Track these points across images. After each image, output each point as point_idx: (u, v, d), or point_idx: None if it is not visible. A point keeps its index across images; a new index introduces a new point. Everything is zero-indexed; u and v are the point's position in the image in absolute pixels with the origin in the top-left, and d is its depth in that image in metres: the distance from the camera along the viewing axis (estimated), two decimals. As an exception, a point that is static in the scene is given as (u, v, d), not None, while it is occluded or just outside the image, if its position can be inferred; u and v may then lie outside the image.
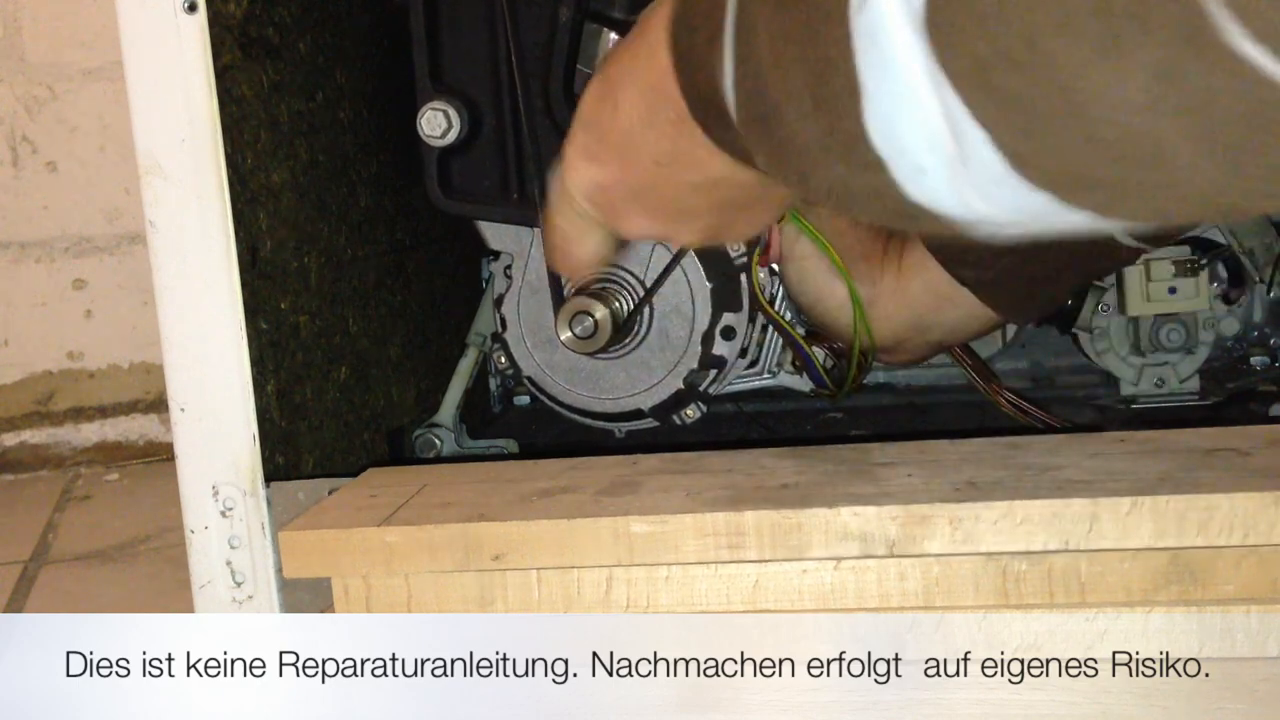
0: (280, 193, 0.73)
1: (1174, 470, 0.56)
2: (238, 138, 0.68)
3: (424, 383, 0.94)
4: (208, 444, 0.68)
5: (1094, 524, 0.52)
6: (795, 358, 0.89)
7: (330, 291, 0.79)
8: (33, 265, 2.01)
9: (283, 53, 0.74)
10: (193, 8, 0.64)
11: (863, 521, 0.54)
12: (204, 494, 0.68)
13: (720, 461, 0.64)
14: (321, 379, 0.77)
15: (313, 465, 0.74)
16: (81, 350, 2.04)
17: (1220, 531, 0.52)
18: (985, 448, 0.63)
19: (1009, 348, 0.99)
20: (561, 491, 0.61)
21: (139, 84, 0.66)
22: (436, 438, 0.91)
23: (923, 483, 0.57)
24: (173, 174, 0.66)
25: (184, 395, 0.68)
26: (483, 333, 0.95)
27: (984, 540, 0.53)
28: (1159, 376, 0.92)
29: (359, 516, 0.59)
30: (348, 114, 0.82)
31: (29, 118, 1.97)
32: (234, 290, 0.67)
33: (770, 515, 0.55)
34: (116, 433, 2.05)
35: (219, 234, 0.67)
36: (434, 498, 0.61)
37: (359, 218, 0.84)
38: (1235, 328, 0.94)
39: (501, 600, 0.57)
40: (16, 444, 2.03)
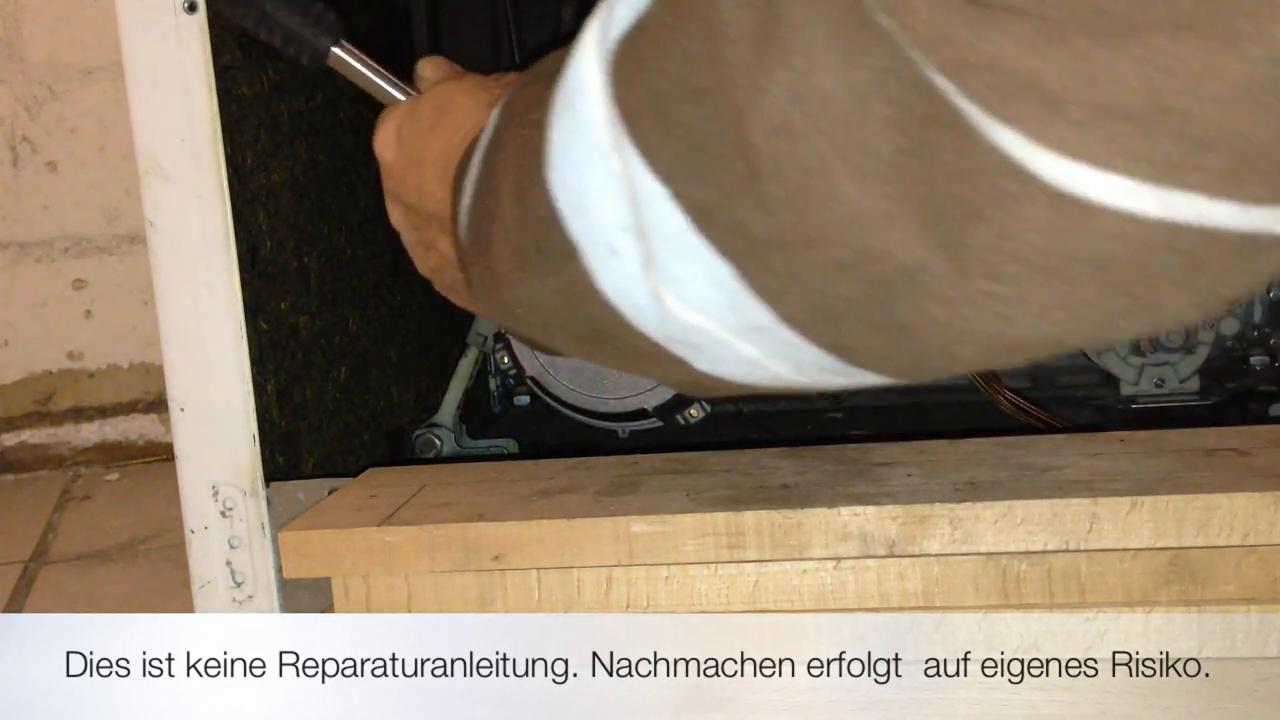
0: (280, 193, 0.73)
1: (1174, 470, 0.56)
2: (238, 138, 0.68)
3: (424, 383, 0.94)
4: (208, 444, 0.68)
5: (1094, 524, 0.52)
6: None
7: (330, 291, 0.79)
8: (33, 265, 2.01)
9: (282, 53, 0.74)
10: (193, 8, 0.64)
11: (863, 521, 0.54)
12: (204, 494, 0.68)
13: (720, 461, 0.64)
14: (321, 379, 0.77)
15: (313, 465, 0.74)
16: (81, 350, 2.03)
17: (1220, 531, 0.52)
18: (985, 448, 0.63)
19: (1009, 348, 0.98)
20: (562, 491, 0.61)
21: (139, 84, 0.66)
22: (436, 438, 0.91)
23: (923, 483, 0.57)
24: (173, 174, 0.66)
25: (184, 395, 0.68)
26: (483, 333, 0.95)
27: (984, 540, 0.53)
28: (1159, 376, 0.92)
29: (359, 516, 0.59)
30: (348, 114, 0.82)
31: (29, 118, 1.97)
32: (234, 290, 0.67)
33: (770, 515, 0.55)
34: (116, 433, 2.05)
35: (219, 234, 0.67)
36: (434, 498, 0.61)
37: (359, 218, 0.84)
38: (1235, 328, 0.94)
39: (501, 600, 0.57)
40: (16, 444, 2.03)
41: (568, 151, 0.35)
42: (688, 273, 0.33)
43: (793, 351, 0.33)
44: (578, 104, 0.34)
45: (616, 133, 0.32)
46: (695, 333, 0.34)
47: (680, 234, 0.32)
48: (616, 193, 0.33)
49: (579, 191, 0.35)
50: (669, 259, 0.33)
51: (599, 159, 0.33)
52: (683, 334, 0.35)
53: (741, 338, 0.34)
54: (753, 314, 0.32)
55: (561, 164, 0.35)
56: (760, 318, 0.32)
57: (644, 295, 0.34)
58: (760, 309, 0.32)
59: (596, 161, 0.33)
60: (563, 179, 0.35)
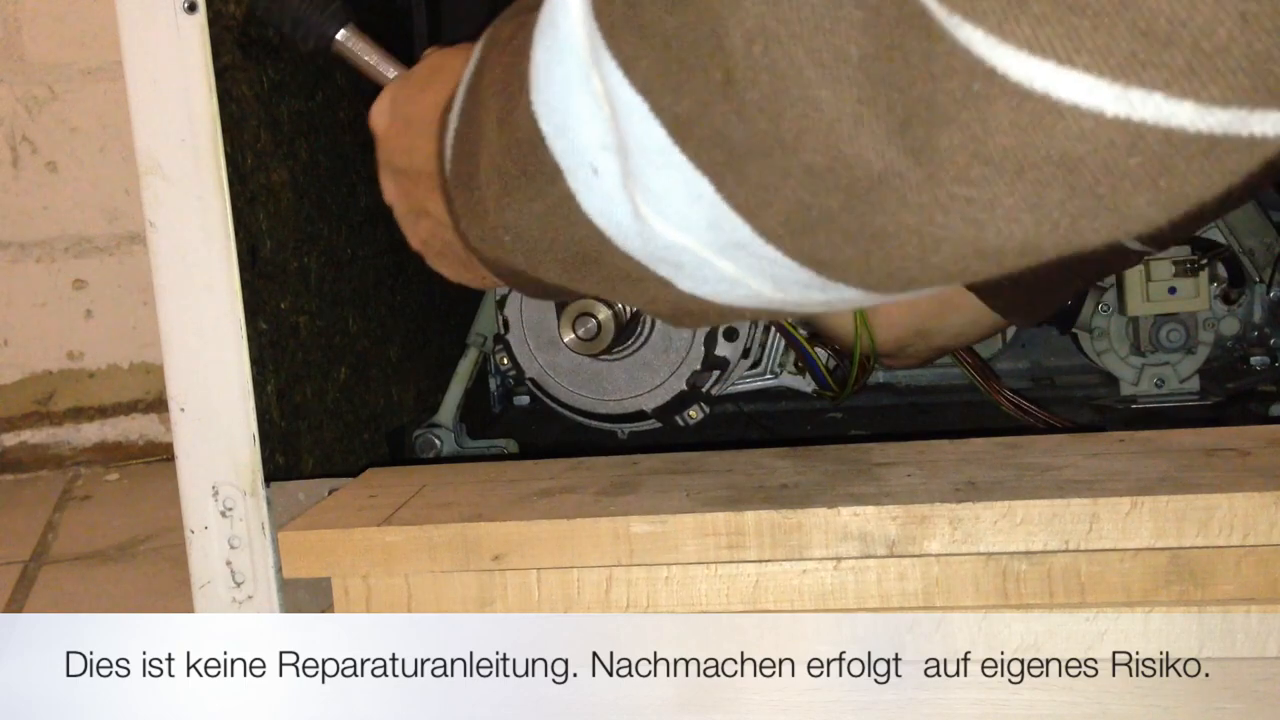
0: (280, 193, 0.73)
1: (1174, 470, 0.56)
2: (238, 138, 0.68)
3: (424, 383, 0.94)
4: (208, 444, 0.68)
5: (1094, 524, 0.52)
6: (798, 358, 0.89)
7: (330, 291, 0.79)
8: (33, 265, 2.01)
9: (282, 53, 0.74)
10: (193, 8, 0.64)
11: (863, 521, 0.54)
12: (204, 494, 0.68)
13: (720, 461, 0.64)
14: (321, 379, 0.77)
15: (313, 465, 0.74)
16: (81, 350, 2.03)
17: (1220, 531, 0.52)
18: (985, 448, 0.63)
19: (1009, 348, 0.99)
20: (561, 491, 0.61)
21: (139, 84, 0.66)
22: (436, 438, 0.91)
23: (923, 483, 0.57)
24: (173, 174, 0.66)
25: (184, 395, 0.68)
26: (483, 333, 0.95)
27: (984, 540, 0.53)
28: (1159, 376, 0.92)
29: (359, 516, 0.59)
30: (348, 114, 0.82)
31: (29, 118, 1.97)
32: (234, 290, 0.67)
33: (770, 515, 0.55)
34: (116, 433, 2.05)
35: (219, 234, 0.67)
36: (434, 498, 0.61)
37: (359, 218, 0.84)
38: (1235, 328, 0.94)
39: (501, 600, 0.57)
40: (16, 444, 2.03)
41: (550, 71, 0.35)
42: (668, 187, 0.33)
43: (771, 267, 0.33)
44: (559, 21, 0.34)
45: (597, 47, 0.32)
46: (677, 250, 0.35)
47: (661, 149, 0.32)
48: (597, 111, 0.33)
49: (561, 111, 0.35)
50: (650, 175, 0.33)
51: (580, 77, 0.33)
52: (664, 252, 0.35)
53: (722, 255, 0.34)
54: (731, 229, 0.33)
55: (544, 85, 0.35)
56: (739, 233, 0.33)
57: (626, 214, 0.35)
58: (739, 223, 0.32)
59: (578, 79, 0.33)
60: (546, 100, 0.35)
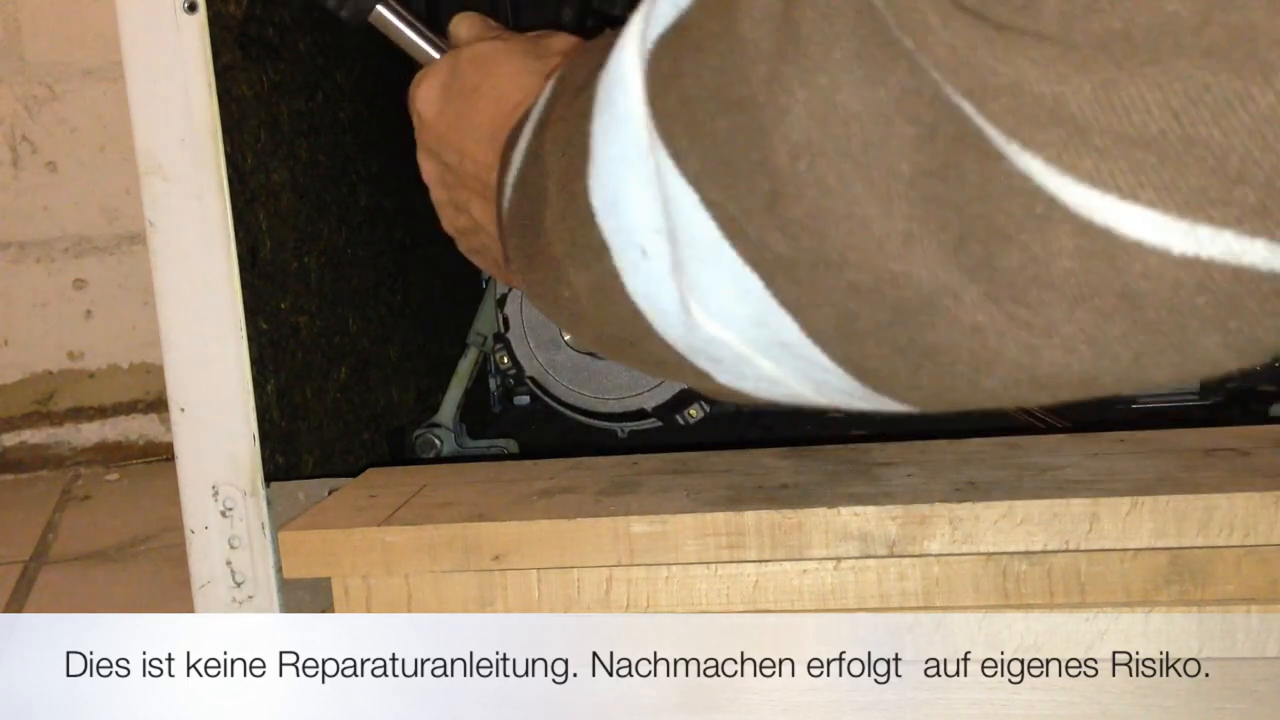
0: (280, 193, 0.73)
1: (1174, 470, 0.56)
2: (238, 138, 0.68)
3: (424, 383, 0.94)
4: (208, 444, 0.68)
5: (1094, 524, 0.52)
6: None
7: (330, 291, 0.79)
8: (33, 265, 2.01)
9: (283, 52, 0.74)
10: (193, 8, 0.64)
11: (863, 521, 0.54)
12: (204, 494, 0.68)
13: (720, 461, 0.64)
14: (321, 379, 0.77)
15: (313, 465, 0.74)
16: (81, 350, 2.03)
17: (1220, 531, 0.52)
18: (985, 448, 0.63)
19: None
20: (561, 491, 0.61)
21: (139, 84, 0.66)
22: (436, 438, 0.91)
23: (923, 483, 0.57)
24: (173, 174, 0.66)
25: (184, 395, 0.68)
26: (483, 333, 0.95)
27: (984, 540, 0.53)
28: (1159, 376, 0.92)
29: (359, 516, 0.59)
30: (348, 114, 0.82)
31: (29, 118, 1.97)
32: (234, 290, 0.67)
33: (770, 515, 0.55)
34: (116, 433, 2.05)
35: (219, 234, 0.67)
36: (434, 498, 0.61)
37: (359, 218, 0.84)
38: (1235, 328, 0.93)
39: (501, 600, 0.57)
40: (16, 444, 2.03)
41: (605, 147, 0.34)
42: (716, 282, 0.32)
43: (815, 372, 0.33)
44: (617, 99, 0.33)
45: (651, 134, 0.32)
46: (718, 345, 0.34)
47: (711, 242, 0.31)
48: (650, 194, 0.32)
49: (614, 189, 0.34)
50: (698, 266, 0.32)
51: (635, 158, 0.33)
52: (705, 346, 0.34)
53: (764, 354, 0.33)
54: (778, 327, 0.32)
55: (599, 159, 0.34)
56: (785, 333, 0.32)
57: (671, 301, 0.34)
58: (787, 322, 0.31)
59: (632, 161, 0.33)
60: (599, 174, 0.35)
